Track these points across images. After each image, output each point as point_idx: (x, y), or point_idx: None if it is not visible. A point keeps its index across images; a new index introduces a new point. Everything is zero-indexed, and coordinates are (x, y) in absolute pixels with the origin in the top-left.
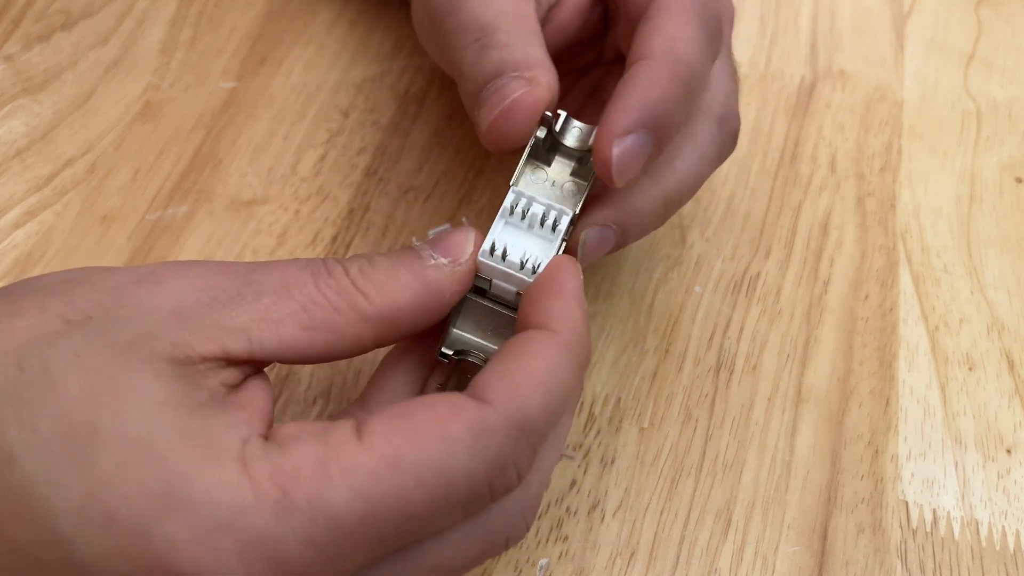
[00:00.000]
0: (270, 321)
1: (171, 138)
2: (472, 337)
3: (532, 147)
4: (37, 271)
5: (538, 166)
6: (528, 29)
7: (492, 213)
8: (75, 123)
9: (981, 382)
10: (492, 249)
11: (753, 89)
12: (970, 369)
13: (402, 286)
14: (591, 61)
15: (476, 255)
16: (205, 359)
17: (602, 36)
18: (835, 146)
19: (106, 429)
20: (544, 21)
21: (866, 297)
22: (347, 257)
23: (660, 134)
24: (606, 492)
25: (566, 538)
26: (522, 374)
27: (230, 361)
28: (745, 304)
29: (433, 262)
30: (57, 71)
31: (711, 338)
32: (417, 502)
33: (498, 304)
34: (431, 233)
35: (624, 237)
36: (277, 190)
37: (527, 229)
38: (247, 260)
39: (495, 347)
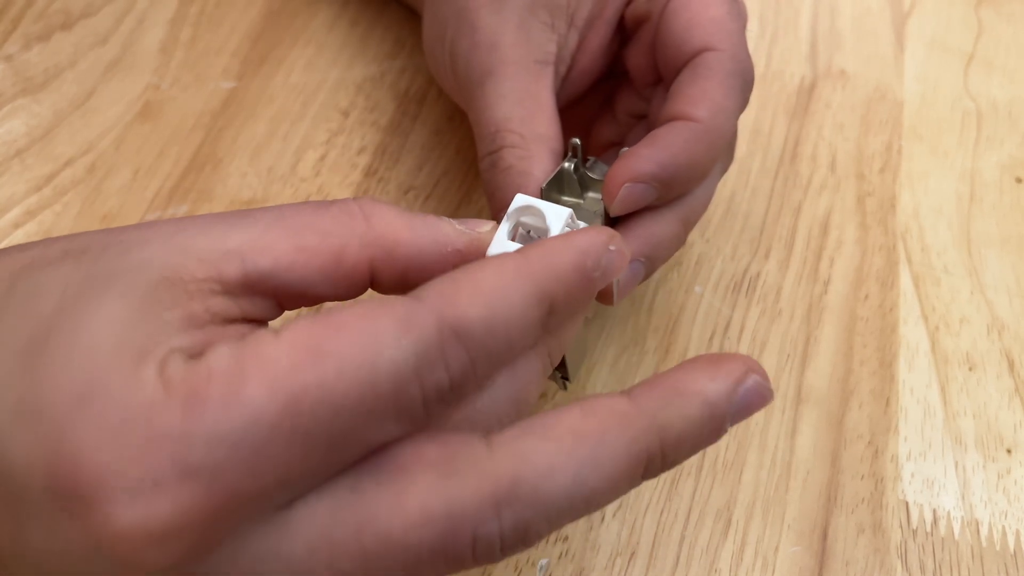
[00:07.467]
0: (265, 243)
1: (171, 138)
2: None
3: (559, 177)
4: None
5: (561, 198)
6: (534, 135)
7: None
8: (75, 123)
9: (981, 382)
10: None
11: (753, 89)
12: (970, 369)
13: (408, 225)
14: (604, 74)
15: (492, 236)
16: (197, 280)
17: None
18: (835, 146)
19: (58, 335)
20: (568, 68)
21: (866, 297)
22: None
23: (668, 189)
24: None
25: (566, 538)
26: (467, 281)
27: (225, 287)
28: (745, 304)
29: (447, 222)
30: (57, 71)
31: (711, 338)
32: (340, 392)
33: None
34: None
35: (652, 265)
36: (277, 190)
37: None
38: None
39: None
